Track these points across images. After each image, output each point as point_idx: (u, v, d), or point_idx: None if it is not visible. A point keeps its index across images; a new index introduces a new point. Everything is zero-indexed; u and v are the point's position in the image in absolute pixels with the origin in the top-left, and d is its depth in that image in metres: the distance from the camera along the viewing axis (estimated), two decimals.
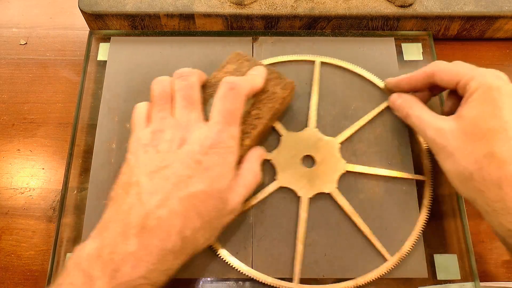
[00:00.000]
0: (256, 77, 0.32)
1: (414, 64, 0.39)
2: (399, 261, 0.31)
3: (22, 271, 0.34)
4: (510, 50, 0.43)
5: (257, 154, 0.32)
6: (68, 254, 0.32)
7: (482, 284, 0.32)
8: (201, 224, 0.26)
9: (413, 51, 0.40)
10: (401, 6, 0.40)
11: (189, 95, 0.30)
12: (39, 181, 0.37)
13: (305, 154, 0.34)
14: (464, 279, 0.32)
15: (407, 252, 0.31)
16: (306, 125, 0.35)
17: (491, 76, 0.29)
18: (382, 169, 0.34)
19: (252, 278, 0.31)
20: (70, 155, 0.35)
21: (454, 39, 0.43)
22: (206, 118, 0.29)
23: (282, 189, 0.33)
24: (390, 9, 0.40)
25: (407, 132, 0.35)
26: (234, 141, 0.29)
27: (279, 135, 0.35)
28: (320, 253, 0.32)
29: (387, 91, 0.37)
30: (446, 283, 0.32)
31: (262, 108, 0.32)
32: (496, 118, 0.27)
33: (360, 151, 0.35)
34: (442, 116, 0.31)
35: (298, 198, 0.33)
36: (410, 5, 0.40)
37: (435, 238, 0.33)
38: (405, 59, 0.39)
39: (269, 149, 0.34)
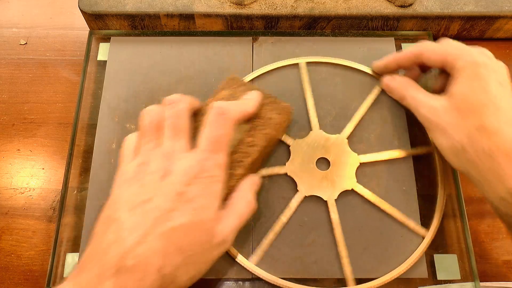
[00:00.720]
0: (248, 101, 0.31)
1: None
2: (435, 234, 0.32)
3: (22, 271, 0.34)
4: (510, 50, 0.43)
5: (250, 182, 0.30)
6: (68, 254, 0.32)
7: (482, 284, 0.32)
8: (182, 260, 0.25)
9: None
10: (401, 6, 0.40)
11: (175, 124, 0.29)
12: (39, 181, 0.37)
13: (318, 157, 0.34)
14: (464, 279, 0.32)
15: (438, 224, 0.32)
16: (310, 129, 0.35)
17: (477, 54, 0.31)
18: (394, 151, 0.34)
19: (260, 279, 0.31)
20: (70, 155, 0.35)
21: (454, 39, 0.43)
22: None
23: (307, 198, 0.33)
24: (390, 9, 0.40)
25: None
26: (220, 170, 0.28)
27: (287, 146, 0.35)
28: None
29: (376, 74, 0.37)
30: (446, 283, 0.32)
31: (257, 135, 0.31)
32: (485, 93, 0.29)
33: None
34: (435, 95, 0.32)
35: (324, 202, 0.33)
36: (410, 5, 0.40)
37: (435, 238, 0.33)
38: None
39: (282, 162, 0.34)
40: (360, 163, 0.34)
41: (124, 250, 0.24)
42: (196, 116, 0.32)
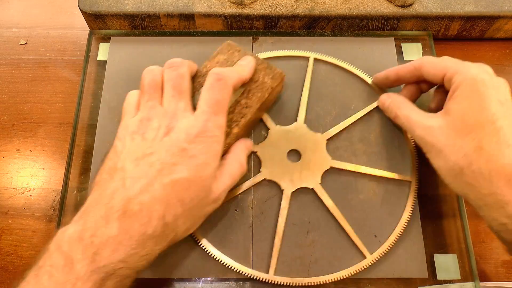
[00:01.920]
0: (244, 67, 0.32)
1: None
2: (377, 259, 0.31)
3: (22, 271, 0.34)
4: (510, 50, 0.43)
5: (243, 145, 0.32)
6: None
7: (482, 284, 0.32)
8: (182, 211, 0.26)
9: (413, 51, 0.40)
10: (401, 6, 0.40)
11: (178, 85, 0.30)
12: (39, 181, 0.37)
13: (292, 148, 0.34)
14: (464, 279, 0.32)
15: (385, 250, 0.32)
16: (295, 120, 0.36)
17: (476, 69, 0.29)
18: (368, 167, 0.34)
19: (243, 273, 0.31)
20: (70, 155, 0.35)
21: (454, 39, 0.43)
22: (195, 107, 0.30)
23: (266, 181, 0.34)
24: (390, 9, 0.40)
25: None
26: (220, 131, 0.29)
27: (267, 128, 0.35)
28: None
29: (376, 87, 0.37)
30: (446, 283, 0.32)
31: (251, 98, 0.32)
32: (483, 111, 0.27)
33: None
34: (430, 113, 0.31)
35: (281, 191, 0.33)
36: (410, 5, 0.40)
37: (435, 238, 0.33)
38: (405, 59, 0.39)
39: (257, 142, 0.35)
40: (331, 167, 0.34)
41: (129, 196, 0.25)
42: (194, 78, 0.33)
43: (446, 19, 0.40)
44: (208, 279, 0.31)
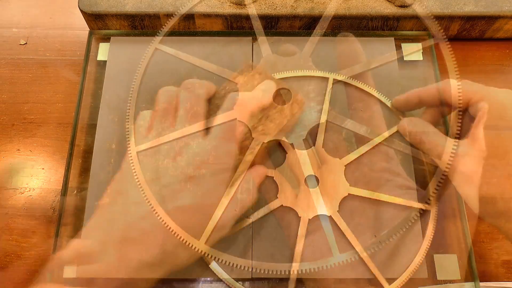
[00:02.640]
0: (264, 92, 0.31)
1: (414, 64, 0.39)
2: None
3: (22, 271, 0.34)
4: (510, 50, 0.43)
5: (255, 173, 0.31)
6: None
7: (482, 284, 0.32)
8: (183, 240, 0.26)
9: (413, 51, 0.39)
10: (401, 6, 0.40)
11: (192, 108, 0.29)
12: (39, 181, 0.37)
13: (309, 174, 0.33)
14: (464, 279, 0.32)
15: (405, 281, 0.31)
16: (313, 144, 0.35)
17: (504, 95, 0.29)
18: (387, 195, 0.33)
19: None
20: (70, 155, 0.35)
21: (454, 39, 0.43)
22: (209, 130, 0.29)
23: (283, 208, 0.33)
24: (390, 9, 0.40)
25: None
26: (230, 158, 0.28)
27: (284, 152, 0.34)
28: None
29: (395, 110, 0.36)
30: (446, 283, 0.32)
31: (269, 124, 0.31)
32: None
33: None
34: (456, 140, 0.30)
35: (298, 218, 0.32)
36: (410, 5, 0.40)
37: (435, 238, 0.33)
38: (405, 59, 0.39)
39: (274, 166, 0.34)
40: (349, 194, 0.33)
41: (129, 222, 0.25)
42: (211, 99, 0.32)
43: (446, 19, 0.40)
44: (208, 279, 0.31)
